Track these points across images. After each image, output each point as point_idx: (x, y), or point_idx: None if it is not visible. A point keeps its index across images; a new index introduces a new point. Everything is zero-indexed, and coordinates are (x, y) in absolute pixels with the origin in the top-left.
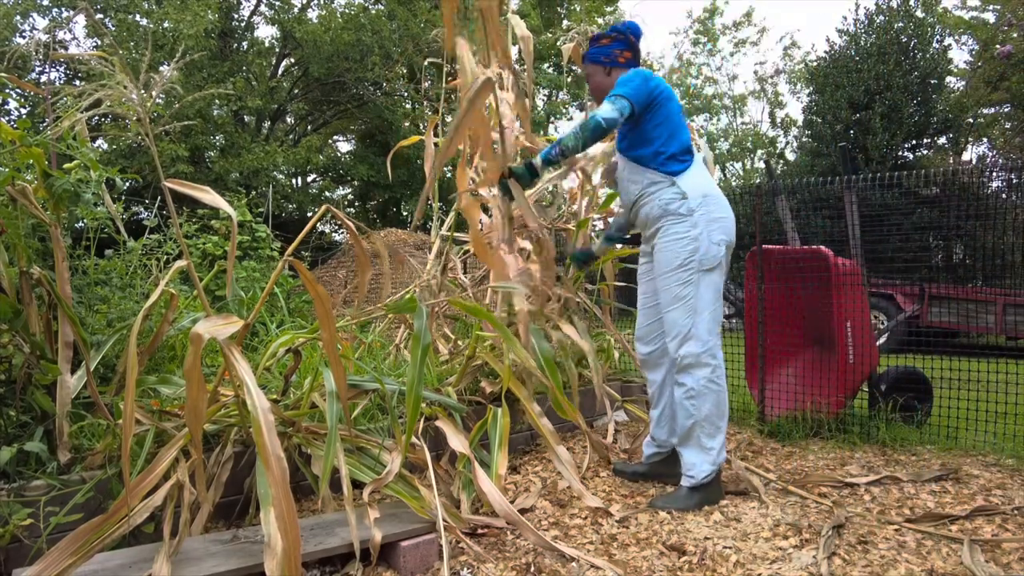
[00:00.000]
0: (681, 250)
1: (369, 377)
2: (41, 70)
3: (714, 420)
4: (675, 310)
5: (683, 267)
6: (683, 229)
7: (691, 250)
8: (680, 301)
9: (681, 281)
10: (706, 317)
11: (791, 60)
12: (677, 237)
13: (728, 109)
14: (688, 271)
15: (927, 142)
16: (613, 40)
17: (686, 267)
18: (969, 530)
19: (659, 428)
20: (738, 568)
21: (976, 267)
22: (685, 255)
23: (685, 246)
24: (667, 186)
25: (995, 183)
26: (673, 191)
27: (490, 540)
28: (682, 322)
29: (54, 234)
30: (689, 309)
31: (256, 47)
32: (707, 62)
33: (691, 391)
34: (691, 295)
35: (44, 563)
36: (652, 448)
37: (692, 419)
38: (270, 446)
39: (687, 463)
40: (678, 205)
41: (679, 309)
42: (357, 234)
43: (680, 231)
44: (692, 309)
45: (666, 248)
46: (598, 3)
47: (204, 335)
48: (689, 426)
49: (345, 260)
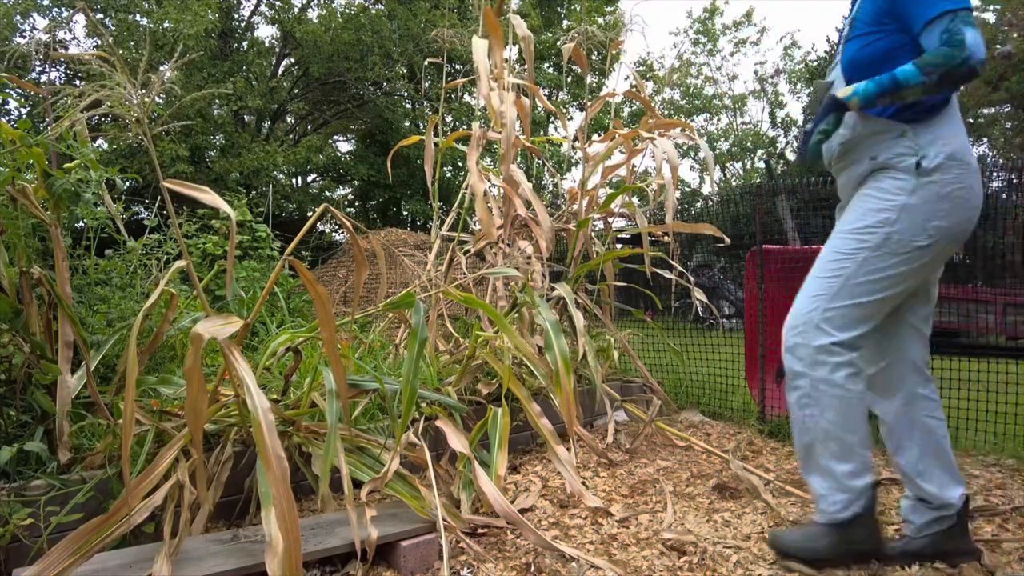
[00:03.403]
0: (871, 214)
1: (369, 377)
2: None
3: (839, 434)
4: (816, 278)
5: (858, 232)
6: (893, 187)
7: (884, 219)
8: (827, 272)
9: (845, 249)
10: (846, 306)
11: (791, 60)
12: (880, 194)
13: (728, 109)
14: (861, 243)
15: None
16: None
17: (863, 236)
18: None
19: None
20: (738, 568)
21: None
22: (874, 219)
23: (882, 210)
24: (895, 137)
25: (995, 183)
26: (904, 144)
27: (490, 540)
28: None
29: (54, 234)
30: (827, 285)
31: (256, 47)
32: (707, 62)
33: (803, 395)
34: (844, 272)
35: (44, 563)
36: (916, 512)
37: (809, 434)
38: (270, 446)
39: (813, 492)
40: (902, 159)
41: (819, 280)
42: (355, 234)
43: (887, 188)
44: (831, 288)
45: (860, 200)
46: (598, 3)
47: (204, 335)
48: (807, 444)
49: (345, 260)
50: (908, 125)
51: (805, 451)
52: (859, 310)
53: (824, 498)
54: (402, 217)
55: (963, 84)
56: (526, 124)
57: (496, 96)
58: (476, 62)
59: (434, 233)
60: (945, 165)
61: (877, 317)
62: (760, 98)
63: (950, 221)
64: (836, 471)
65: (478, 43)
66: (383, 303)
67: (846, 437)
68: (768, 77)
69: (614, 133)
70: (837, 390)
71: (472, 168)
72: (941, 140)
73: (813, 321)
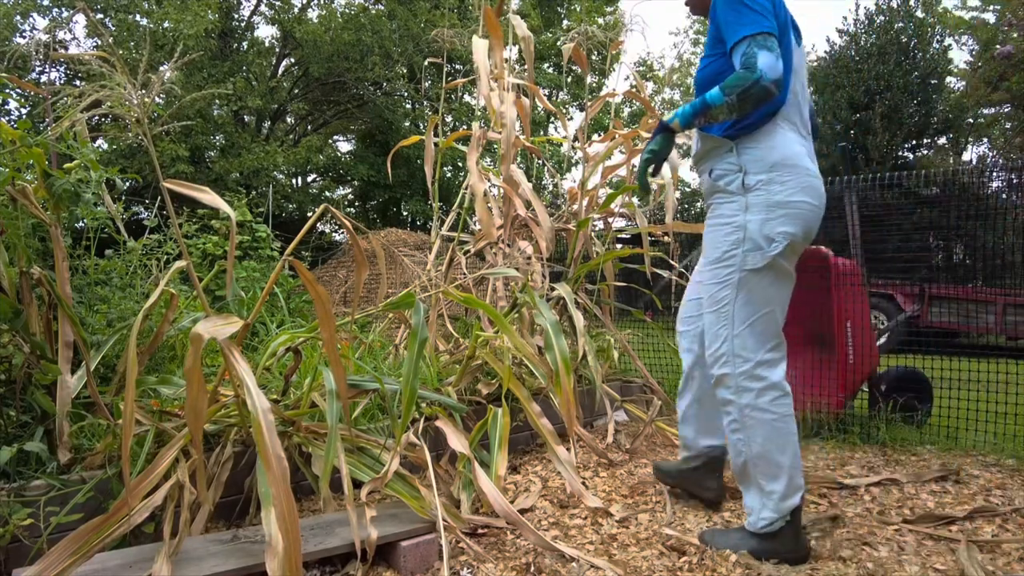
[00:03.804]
0: (724, 239)
1: (369, 377)
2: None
3: (771, 456)
4: (710, 313)
5: (722, 262)
6: (729, 212)
7: (734, 241)
8: (716, 305)
9: (718, 280)
10: (745, 330)
11: None
12: (723, 221)
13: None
14: (727, 267)
15: (927, 142)
16: None
17: (725, 262)
18: (969, 530)
19: (685, 426)
20: (738, 568)
21: (976, 267)
22: (726, 247)
23: (729, 235)
24: (724, 152)
25: (995, 183)
26: (730, 161)
27: (490, 540)
28: (715, 332)
29: (54, 234)
30: (724, 318)
31: (256, 47)
32: None
33: (734, 422)
34: (727, 300)
35: (44, 563)
36: (683, 452)
37: (741, 456)
38: (270, 446)
39: (746, 505)
40: (729, 180)
41: (714, 315)
42: (355, 234)
43: (725, 214)
44: (728, 318)
45: (712, 231)
46: (598, 3)
47: (204, 335)
48: (741, 464)
49: (345, 260)
50: (734, 141)
51: (740, 470)
52: (758, 327)
53: (754, 512)
54: (402, 217)
55: (762, 102)
56: (526, 124)
57: (496, 96)
58: (476, 62)
59: (434, 233)
60: (769, 176)
61: (777, 326)
62: None
63: (792, 223)
64: (767, 490)
65: (478, 43)
66: (383, 303)
67: (776, 458)
68: None
69: (614, 133)
70: (764, 414)
71: (472, 168)
72: (763, 152)
73: (729, 351)
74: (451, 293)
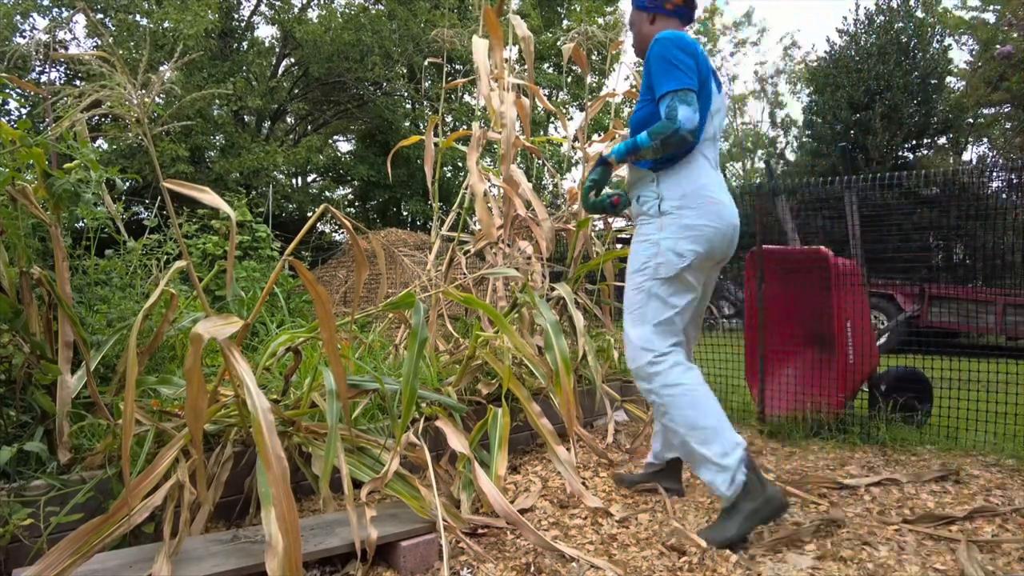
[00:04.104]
0: (642, 252)
1: (369, 377)
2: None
3: (696, 423)
4: (628, 315)
5: (639, 272)
6: (649, 231)
7: (651, 255)
8: (631, 307)
9: (634, 286)
10: (650, 329)
11: (791, 60)
12: (643, 238)
13: (728, 109)
14: (642, 276)
15: (927, 142)
16: None
17: (642, 272)
18: (969, 530)
19: (655, 439)
20: (738, 568)
21: (976, 267)
22: (643, 259)
23: (646, 249)
24: (648, 183)
25: (995, 183)
26: (652, 190)
27: (490, 540)
28: (630, 330)
29: (54, 234)
30: (637, 318)
31: (256, 47)
32: None
33: (659, 407)
34: (640, 303)
35: (44, 563)
36: (649, 457)
37: (677, 436)
38: (270, 446)
39: (708, 484)
40: (650, 206)
41: (630, 315)
42: (355, 234)
43: (646, 232)
44: (640, 318)
45: (635, 247)
46: (598, 3)
47: (204, 335)
48: (681, 443)
49: (345, 260)
50: (656, 173)
51: (682, 449)
52: (662, 327)
53: (714, 485)
54: (402, 217)
55: (679, 147)
56: (526, 124)
57: (496, 96)
58: (476, 62)
59: (434, 233)
60: (681, 202)
61: (678, 326)
62: (760, 98)
63: (697, 242)
64: (709, 455)
65: (478, 43)
66: (383, 303)
67: (701, 423)
68: (768, 77)
69: (614, 133)
70: (676, 388)
71: (472, 168)
72: (679, 184)
73: (638, 346)
74: (451, 293)
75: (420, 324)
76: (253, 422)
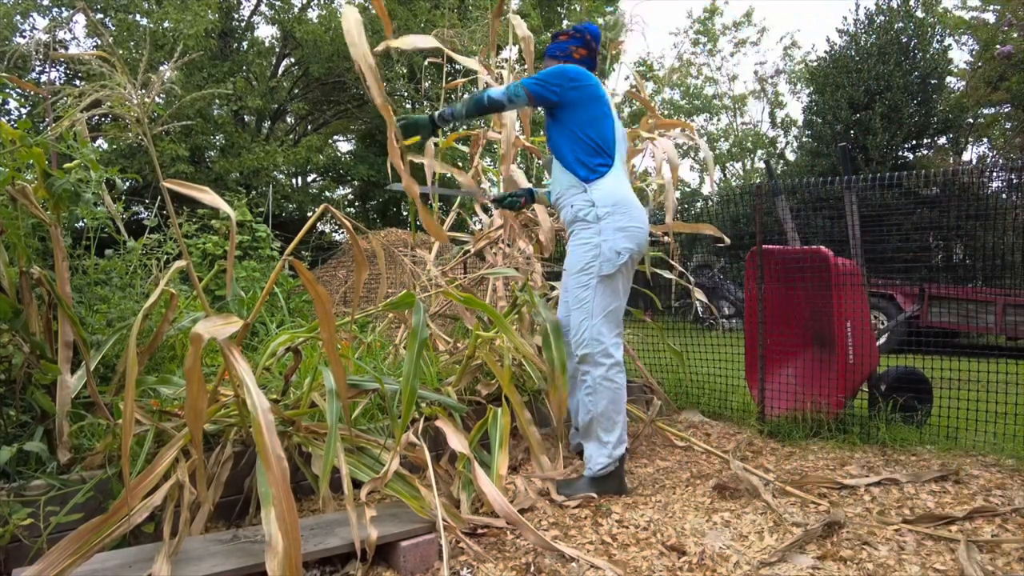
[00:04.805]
0: (584, 255)
1: (369, 377)
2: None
3: (610, 415)
4: (575, 311)
5: (584, 271)
6: (588, 235)
7: (592, 256)
8: (579, 303)
9: (581, 284)
10: (600, 320)
11: (791, 60)
12: (582, 242)
13: (728, 109)
14: (588, 275)
15: (927, 142)
16: (570, 37)
17: (587, 271)
18: (969, 531)
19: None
20: (738, 568)
21: (976, 267)
22: (587, 260)
23: (587, 251)
24: (579, 192)
25: (995, 183)
26: (584, 198)
27: (490, 540)
28: (579, 323)
29: (54, 234)
30: (586, 312)
31: (256, 47)
32: (707, 62)
33: (589, 388)
34: (588, 299)
35: (44, 563)
36: (576, 437)
37: (590, 415)
38: (270, 446)
39: (587, 455)
40: (586, 212)
41: (578, 311)
42: (355, 234)
43: (585, 237)
44: (588, 312)
45: (573, 251)
46: (598, 3)
47: (204, 335)
48: (588, 421)
49: (345, 260)
50: (587, 184)
51: (585, 426)
52: (610, 318)
53: (592, 459)
54: (402, 217)
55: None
56: (526, 124)
57: None
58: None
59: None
60: (612, 209)
61: (620, 318)
62: (760, 98)
63: (630, 241)
64: (604, 440)
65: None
66: (383, 303)
67: (614, 416)
68: (768, 77)
69: None
70: (610, 383)
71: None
72: (607, 193)
73: (589, 336)
74: (451, 293)
75: (420, 324)
76: (253, 422)
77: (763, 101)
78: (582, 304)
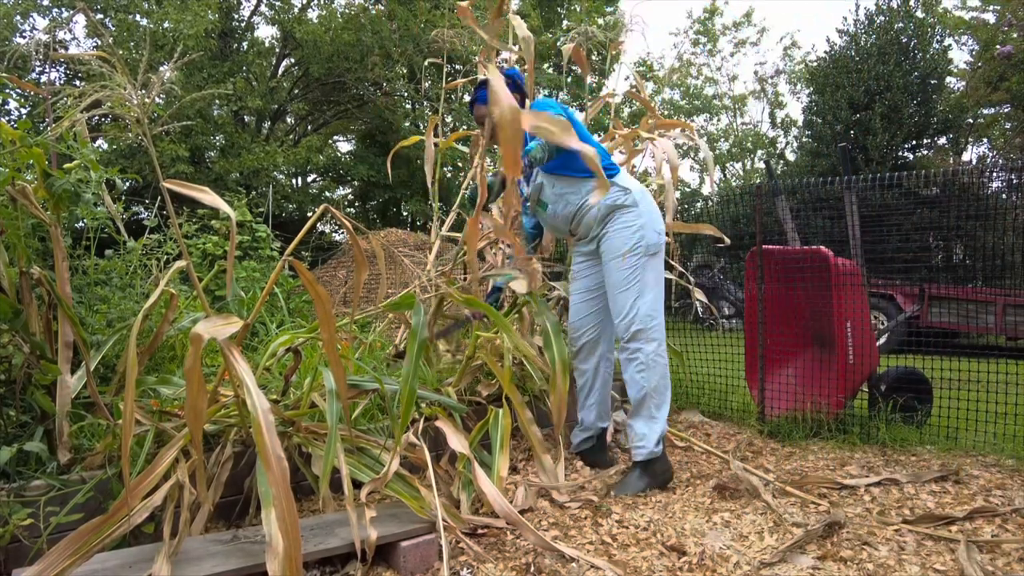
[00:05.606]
0: (630, 237)
1: (369, 377)
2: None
3: (662, 391)
4: (624, 292)
5: (632, 252)
6: (631, 218)
7: (639, 237)
8: (627, 284)
9: (628, 266)
10: (650, 298)
11: (791, 60)
12: (626, 225)
13: (728, 109)
14: (635, 255)
15: (927, 142)
16: None
17: (634, 251)
18: (969, 531)
19: (588, 412)
20: (738, 569)
21: (976, 267)
22: (634, 241)
23: (634, 233)
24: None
25: (995, 183)
26: (616, 189)
27: (490, 540)
28: (631, 303)
29: (54, 234)
30: (637, 291)
31: (256, 47)
32: (707, 62)
33: (641, 364)
34: (638, 278)
35: (44, 563)
36: (580, 436)
37: (643, 391)
38: (270, 446)
39: (637, 434)
40: (624, 198)
41: (625, 292)
42: (355, 234)
43: (628, 220)
44: (639, 290)
45: (615, 236)
46: (598, 3)
47: (204, 335)
48: (641, 398)
49: (345, 260)
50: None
51: (639, 402)
52: (659, 295)
53: (646, 437)
54: (402, 217)
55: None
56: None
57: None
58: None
59: (434, 233)
60: (640, 195)
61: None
62: (760, 98)
63: (660, 222)
64: (655, 416)
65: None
66: (383, 303)
67: (664, 392)
68: (768, 77)
69: (614, 133)
70: (661, 359)
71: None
72: (631, 182)
73: (644, 312)
74: (452, 294)
75: (420, 324)
76: (253, 422)
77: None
78: (631, 285)
